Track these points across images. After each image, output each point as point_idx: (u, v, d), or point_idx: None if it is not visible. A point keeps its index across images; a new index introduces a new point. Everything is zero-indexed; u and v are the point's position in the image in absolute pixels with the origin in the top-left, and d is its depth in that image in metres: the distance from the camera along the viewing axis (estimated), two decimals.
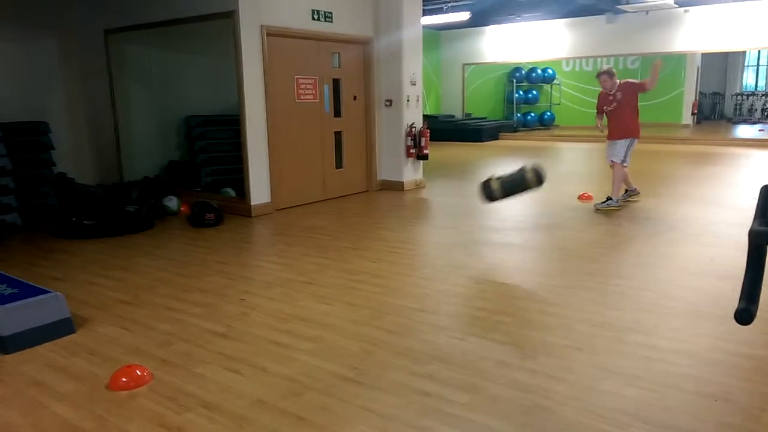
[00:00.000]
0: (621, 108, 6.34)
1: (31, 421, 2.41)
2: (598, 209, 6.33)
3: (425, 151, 8.13)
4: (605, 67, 6.64)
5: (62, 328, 3.23)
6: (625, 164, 6.45)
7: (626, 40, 14.22)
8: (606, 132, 6.66)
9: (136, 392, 2.63)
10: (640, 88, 6.30)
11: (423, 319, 3.46)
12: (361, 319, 3.45)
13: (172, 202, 6.56)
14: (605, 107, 6.49)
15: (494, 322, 3.38)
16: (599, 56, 15.98)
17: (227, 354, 3.00)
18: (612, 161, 6.47)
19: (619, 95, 6.32)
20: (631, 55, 15.62)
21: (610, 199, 6.37)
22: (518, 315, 3.48)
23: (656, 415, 2.37)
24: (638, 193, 6.77)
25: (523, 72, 17.06)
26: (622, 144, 6.39)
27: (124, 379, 2.68)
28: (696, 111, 16.53)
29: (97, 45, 7.59)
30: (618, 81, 6.40)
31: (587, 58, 16.36)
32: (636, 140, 6.46)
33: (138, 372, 2.73)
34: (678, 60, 15.71)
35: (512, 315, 3.48)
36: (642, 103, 6.55)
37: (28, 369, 2.88)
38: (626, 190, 6.68)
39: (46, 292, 3.27)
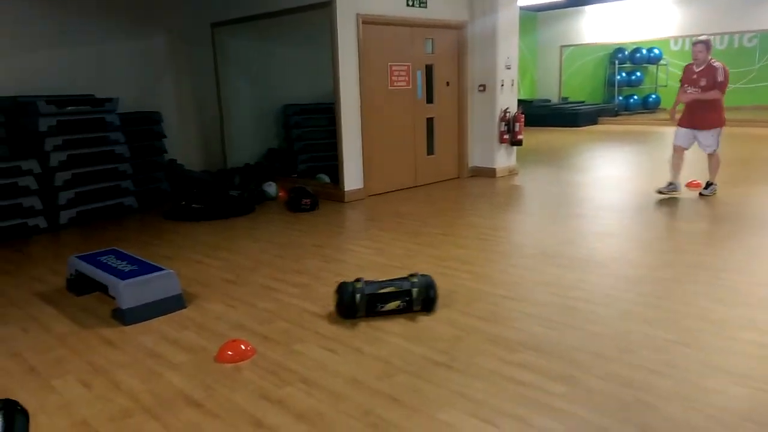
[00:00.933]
0: (704, 93, 5.83)
1: (149, 388, 2.64)
2: (702, 195, 6.09)
3: (519, 137, 7.95)
4: (703, 37, 6.18)
5: (174, 303, 3.49)
6: (716, 151, 6.05)
7: (742, 15, 13.08)
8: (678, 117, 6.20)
9: (240, 365, 2.80)
10: (720, 86, 5.79)
11: (514, 307, 3.42)
12: (452, 305, 3.46)
13: (271, 188, 6.85)
14: (687, 87, 6.01)
15: (590, 313, 3.28)
16: (712, 34, 14.78)
17: (323, 333, 3.12)
18: (709, 152, 6.07)
19: (703, 81, 5.82)
20: (748, 32, 14.37)
21: (712, 184, 6.13)
22: (616, 307, 3.36)
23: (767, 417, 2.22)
24: (678, 191, 6.17)
25: (626, 53, 16.16)
26: (712, 133, 5.94)
27: (230, 353, 2.86)
28: None
29: (204, 39, 8.02)
30: (710, 58, 5.89)
31: (698, 36, 15.22)
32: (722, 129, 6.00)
33: (242, 346, 2.90)
34: None
35: (610, 307, 3.36)
36: (759, 84, 6.14)
37: (145, 340, 3.14)
38: (670, 183, 6.13)
39: (161, 269, 3.54)
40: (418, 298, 3.30)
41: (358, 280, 3.30)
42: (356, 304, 3.20)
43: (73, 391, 2.63)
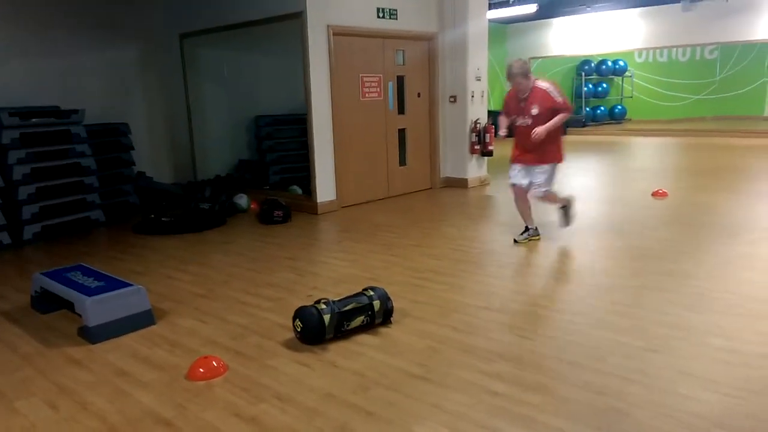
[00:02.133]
0: (536, 125, 4.62)
1: (118, 408, 2.56)
2: (517, 241, 5.02)
3: (490, 148, 8.03)
4: (517, 61, 4.73)
5: (144, 319, 3.41)
6: (547, 192, 4.91)
7: (704, 28, 13.50)
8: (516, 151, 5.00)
9: (212, 382, 2.74)
10: (563, 106, 4.66)
11: (490, 318, 3.43)
12: (427, 317, 3.46)
13: (242, 200, 6.78)
14: (516, 118, 4.85)
15: (565, 321, 3.31)
16: (675, 46, 15.29)
17: (297, 348, 3.08)
18: (537, 192, 4.88)
19: (534, 109, 4.65)
20: (709, 44, 14.83)
21: (528, 229, 5.09)
22: (590, 315, 3.40)
23: (738, 422, 2.26)
24: (538, 236, 5.13)
25: (593, 64, 16.51)
26: (545, 170, 4.83)
27: (201, 370, 2.80)
28: None
29: (172, 49, 7.93)
30: (534, 80, 4.67)
31: (662, 48, 15.65)
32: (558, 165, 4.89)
33: (214, 363, 2.84)
34: (760, 48, 14.79)
35: (583, 315, 3.40)
36: (720, 95, 6.08)
37: (113, 358, 3.06)
38: (526, 228, 5.11)
39: (129, 285, 3.46)
40: (379, 311, 3.26)
41: (318, 301, 3.16)
42: (326, 327, 3.06)
43: (39, 413, 2.54)
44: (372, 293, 3.29)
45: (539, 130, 4.55)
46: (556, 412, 2.38)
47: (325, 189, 6.64)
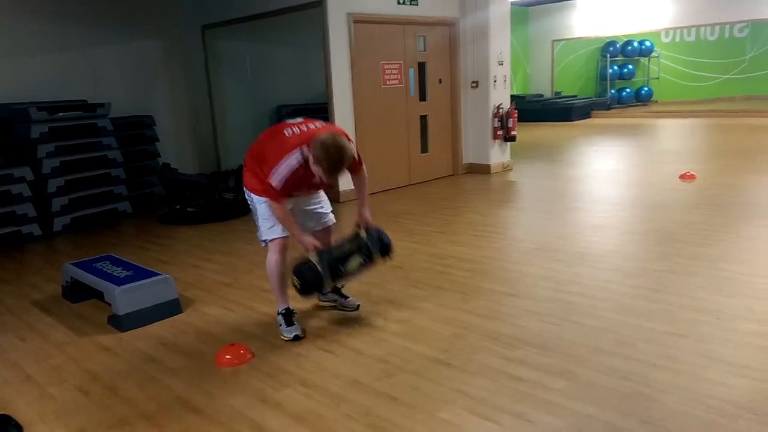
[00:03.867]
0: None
1: (148, 394, 2.62)
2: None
3: (513, 133, 7.95)
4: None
5: (171, 308, 3.47)
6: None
7: (733, 6, 13.13)
8: None
9: (239, 369, 2.79)
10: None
11: (514, 304, 3.42)
12: (450, 303, 3.45)
13: None
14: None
15: (589, 306, 3.28)
16: (703, 25, 14.89)
17: (321, 335, 3.10)
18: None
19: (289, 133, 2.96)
20: (738, 22, 14.42)
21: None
22: (615, 300, 3.36)
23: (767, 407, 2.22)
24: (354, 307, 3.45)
25: (618, 46, 16.18)
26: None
27: (228, 357, 2.84)
28: None
29: (195, 41, 7.99)
30: None
31: (689, 27, 15.26)
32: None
33: (241, 350, 2.89)
34: None
35: (608, 300, 3.36)
36: (750, 74, 5.84)
37: (143, 346, 3.13)
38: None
39: (157, 274, 3.52)
40: (375, 246, 3.08)
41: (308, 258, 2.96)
42: (323, 277, 2.94)
43: (71, 399, 2.61)
44: (364, 234, 3.13)
45: None
46: (581, 397, 2.37)
47: (345, 177, 6.63)
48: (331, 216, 3.42)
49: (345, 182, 6.61)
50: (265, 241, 3.13)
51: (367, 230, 3.17)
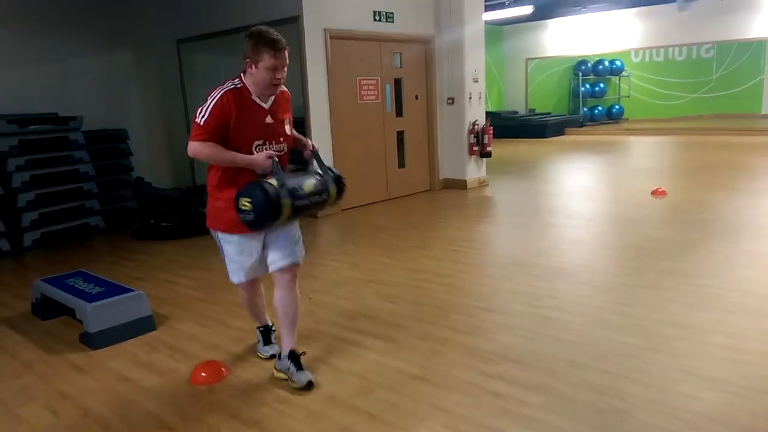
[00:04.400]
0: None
1: (120, 413, 2.56)
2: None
3: (488, 149, 8.04)
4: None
5: (145, 325, 3.41)
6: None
7: (700, 27, 13.57)
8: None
9: (214, 387, 2.74)
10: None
11: (490, 319, 3.43)
12: (427, 318, 3.46)
13: None
14: (260, 144, 2.59)
15: (564, 321, 3.31)
16: (671, 46, 15.32)
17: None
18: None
19: (287, 125, 2.70)
20: (705, 43, 14.87)
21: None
22: (590, 315, 3.40)
23: (741, 420, 2.26)
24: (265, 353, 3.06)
25: (589, 64, 16.54)
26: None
27: (203, 374, 2.80)
28: None
29: (170, 54, 7.93)
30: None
31: (658, 48, 15.68)
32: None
33: (216, 367, 2.84)
34: (756, 47, 14.82)
35: (583, 315, 3.40)
36: (717, 93, 5.94)
37: (115, 364, 3.06)
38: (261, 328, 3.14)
39: (130, 290, 3.46)
40: (327, 175, 2.66)
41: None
42: (279, 198, 2.42)
43: (41, 420, 2.54)
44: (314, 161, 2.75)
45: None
46: (558, 412, 2.38)
47: None
48: (300, 251, 2.77)
49: None
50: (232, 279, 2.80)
51: (315, 155, 2.76)
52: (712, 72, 15.87)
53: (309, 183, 2.60)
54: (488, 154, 8.10)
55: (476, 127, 7.92)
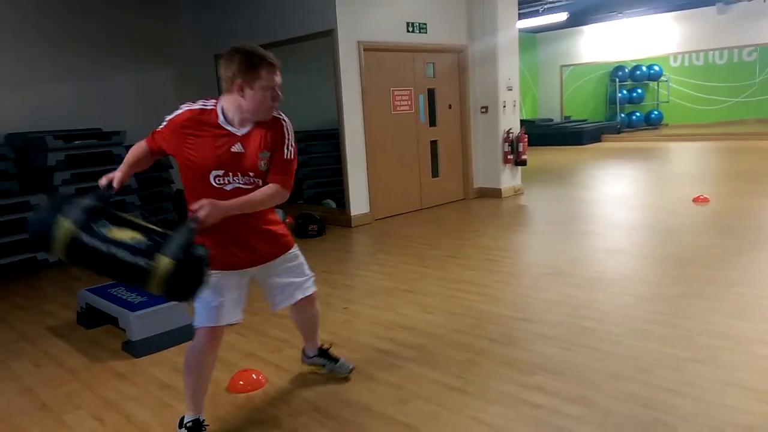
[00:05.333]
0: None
1: (161, 421, 2.61)
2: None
3: (523, 157, 7.97)
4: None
5: (185, 333, 3.45)
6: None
7: (741, 30, 13.20)
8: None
9: (253, 395, 2.78)
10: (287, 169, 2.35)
11: (527, 329, 3.39)
12: (463, 328, 3.43)
13: (278, 215, 6.85)
14: (219, 176, 2.26)
15: (604, 332, 3.25)
16: (711, 50, 14.94)
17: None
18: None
19: (262, 162, 2.29)
20: (747, 46, 14.45)
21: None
22: (631, 326, 3.32)
23: None
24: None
25: (627, 70, 16.26)
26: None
27: (241, 383, 2.84)
28: None
29: (208, 69, 8.12)
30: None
31: (698, 52, 15.33)
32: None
33: (254, 376, 2.88)
34: None
35: (624, 326, 3.33)
36: (761, 97, 5.66)
37: (157, 372, 3.13)
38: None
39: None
40: (172, 242, 1.98)
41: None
42: (51, 227, 1.90)
43: (86, 425, 2.61)
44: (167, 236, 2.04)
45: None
46: (599, 424, 2.34)
47: (358, 202, 6.68)
48: (311, 282, 2.65)
49: (356, 207, 6.64)
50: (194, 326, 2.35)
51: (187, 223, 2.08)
52: (755, 75, 15.41)
53: (128, 233, 1.98)
54: (523, 163, 8.03)
55: (510, 135, 7.86)
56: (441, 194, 7.74)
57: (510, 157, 7.90)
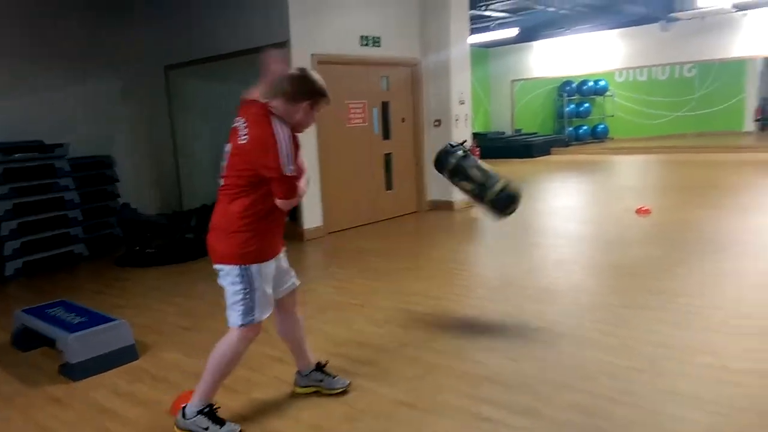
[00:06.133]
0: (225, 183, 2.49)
1: None
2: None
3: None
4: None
5: (127, 354, 3.36)
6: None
7: (682, 47, 13.77)
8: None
9: None
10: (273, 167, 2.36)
11: (479, 341, 3.41)
12: (415, 342, 3.43)
13: None
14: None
15: (551, 343, 3.30)
16: (654, 65, 15.56)
17: (284, 379, 3.03)
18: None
19: (228, 149, 2.50)
20: (687, 62, 15.12)
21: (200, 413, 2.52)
22: (577, 335, 3.39)
23: None
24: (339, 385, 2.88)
25: (574, 85, 16.77)
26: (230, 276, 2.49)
27: (184, 405, 2.74)
28: (760, 117, 15.79)
29: (158, 81, 7.96)
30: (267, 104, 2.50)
31: (641, 67, 15.93)
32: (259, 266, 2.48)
33: None
34: (737, 65, 15.10)
35: (571, 335, 3.39)
36: (699, 111, 5.95)
37: (96, 395, 3.00)
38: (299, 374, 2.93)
39: (112, 320, 3.41)
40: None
41: None
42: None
43: None
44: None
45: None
46: None
47: (311, 215, 6.63)
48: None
49: (309, 221, 6.59)
50: (242, 323, 2.46)
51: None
52: (695, 91, 16.13)
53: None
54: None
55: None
56: (395, 207, 7.77)
57: None
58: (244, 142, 2.39)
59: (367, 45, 7.15)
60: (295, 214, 6.79)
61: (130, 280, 5.36)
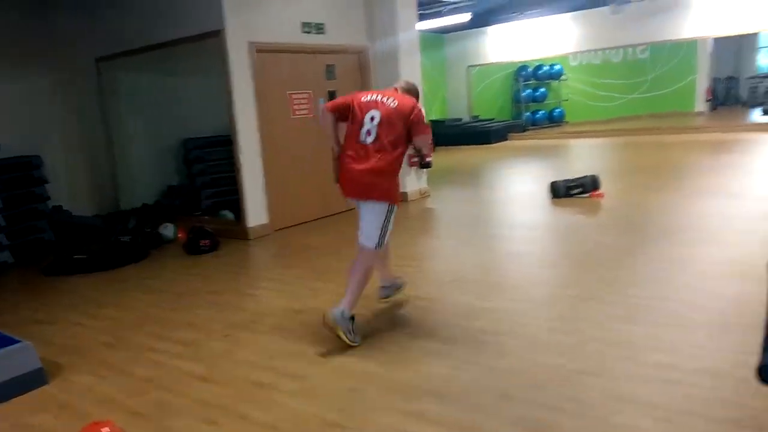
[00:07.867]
0: (381, 139, 3.34)
1: None
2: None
3: (428, 159, 7.80)
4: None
5: (33, 380, 3.02)
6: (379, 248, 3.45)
7: (634, 29, 13.78)
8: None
9: None
10: (419, 128, 3.47)
11: (419, 346, 3.19)
12: (351, 351, 3.18)
13: (167, 230, 6.37)
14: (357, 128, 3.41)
15: (498, 345, 3.10)
16: (607, 48, 15.59)
17: (205, 400, 2.76)
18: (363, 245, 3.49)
19: (377, 116, 3.33)
20: (639, 44, 15.20)
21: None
22: (526, 336, 3.20)
23: None
24: (401, 287, 3.96)
25: (530, 70, 16.69)
26: (379, 211, 3.45)
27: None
28: (711, 97, 16.01)
29: (89, 74, 7.48)
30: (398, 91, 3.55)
31: (595, 50, 15.95)
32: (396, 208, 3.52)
33: (105, 429, 2.49)
34: (689, 46, 15.24)
35: (520, 337, 3.20)
36: (652, 93, 5.92)
37: None
38: (383, 287, 3.88)
39: (15, 342, 3.07)
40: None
41: None
42: None
43: None
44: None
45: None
46: None
47: (255, 212, 6.31)
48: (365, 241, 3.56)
49: (253, 218, 6.28)
50: (378, 245, 3.45)
51: None
52: (648, 73, 16.25)
53: None
54: (428, 165, 7.85)
55: None
56: (344, 200, 7.47)
57: (415, 160, 7.73)
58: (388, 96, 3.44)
59: (309, 32, 6.83)
60: (238, 211, 6.47)
61: (57, 289, 4.97)
